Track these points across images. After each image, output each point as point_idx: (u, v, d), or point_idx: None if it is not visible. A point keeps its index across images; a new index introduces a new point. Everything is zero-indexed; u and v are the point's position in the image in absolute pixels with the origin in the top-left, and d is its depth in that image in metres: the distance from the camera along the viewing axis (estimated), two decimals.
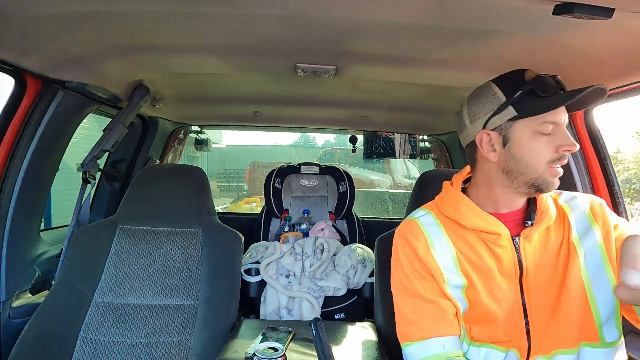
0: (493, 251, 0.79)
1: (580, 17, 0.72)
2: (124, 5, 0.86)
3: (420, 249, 0.82)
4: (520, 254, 0.78)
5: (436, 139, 2.43)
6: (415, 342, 0.78)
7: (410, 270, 0.82)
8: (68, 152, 1.37)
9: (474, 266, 0.79)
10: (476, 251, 0.80)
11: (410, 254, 0.83)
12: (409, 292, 0.81)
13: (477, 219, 0.80)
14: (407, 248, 0.84)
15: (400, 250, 0.86)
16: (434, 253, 0.81)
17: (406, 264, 0.83)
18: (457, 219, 0.82)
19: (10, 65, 1.03)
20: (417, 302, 0.80)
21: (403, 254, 0.84)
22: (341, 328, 1.19)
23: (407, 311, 0.81)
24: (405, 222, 0.89)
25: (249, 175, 5.62)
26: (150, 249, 1.31)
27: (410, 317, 0.80)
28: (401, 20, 0.88)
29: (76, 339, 1.15)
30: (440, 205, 0.88)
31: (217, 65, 1.29)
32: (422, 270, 0.81)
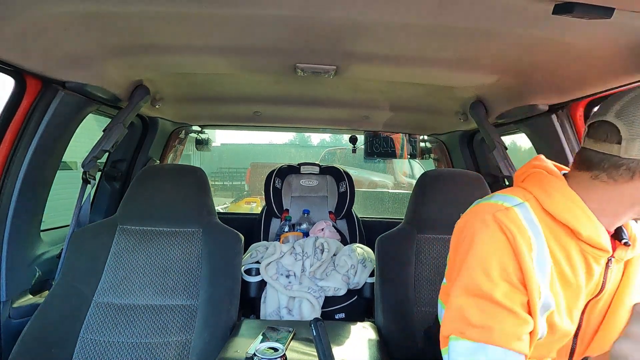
0: (589, 268, 0.70)
1: (580, 17, 0.72)
2: (124, 6, 0.86)
3: (523, 250, 0.66)
4: (607, 276, 0.71)
5: (436, 139, 2.43)
6: (472, 342, 0.65)
7: (498, 271, 0.66)
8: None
9: (564, 283, 0.69)
10: (573, 265, 0.69)
11: (506, 252, 0.67)
12: (483, 293, 0.66)
13: (594, 230, 0.68)
14: (502, 242, 0.67)
15: (488, 240, 0.68)
16: (534, 259, 0.67)
17: (494, 262, 0.67)
18: (572, 224, 0.68)
19: (10, 65, 1.03)
20: (489, 307, 0.66)
21: (493, 248, 0.67)
22: (341, 328, 1.19)
23: (472, 312, 0.66)
24: (494, 206, 0.71)
25: (250, 176, 5.62)
26: (151, 249, 1.31)
27: (473, 320, 0.66)
28: (401, 20, 0.88)
29: (76, 339, 1.15)
30: (543, 199, 0.71)
31: (217, 65, 1.29)
32: (514, 275, 0.66)
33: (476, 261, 0.68)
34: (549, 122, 1.34)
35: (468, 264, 0.69)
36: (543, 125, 1.39)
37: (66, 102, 1.23)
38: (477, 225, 0.70)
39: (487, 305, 0.66)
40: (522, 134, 1.75)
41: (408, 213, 1.44)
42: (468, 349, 0.65)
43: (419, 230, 1.37)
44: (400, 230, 1.40)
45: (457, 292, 0.69)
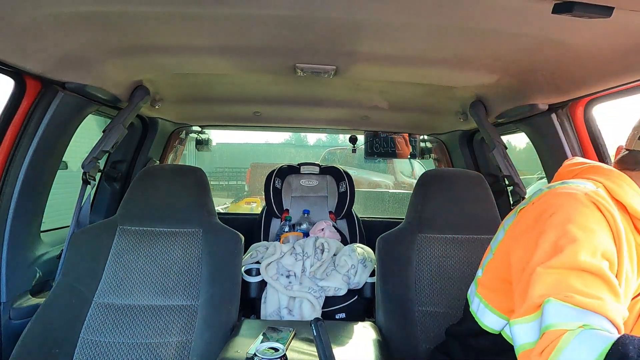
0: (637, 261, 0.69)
1: (579, 16, 0.72)
2: (124, 7, 0.86)
3: (621, 231, 0.65)
4: None
5: (436, 139, 2.43)
6: (581, 309, 0.58)
7: (603, 247, 0.63)
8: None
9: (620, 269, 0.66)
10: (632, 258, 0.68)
11: (606, 232, 0.64)
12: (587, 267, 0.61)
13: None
14: (602, 221, 0.65)
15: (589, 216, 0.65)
16: (624, 239, 0.66)
17: (598, 237, 0.63)
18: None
19: (9, 66, 1.03)
20: (601, 283, 0.61)
21: (595, 224, 0.64)
22: (342, 328, 1.19)
23: (580, 282, 0.61)
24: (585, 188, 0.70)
25: (250, 176, 5.62)
26: (151, 249, 1.31)
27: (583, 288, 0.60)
28: (400, 19, 0.88)
29: (77, 340, 1.15)
30: (614, 189, 0.71)
31: (217, 65, 1.29)
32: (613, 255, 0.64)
33: (580, 236, 0.63)
34: (549, 121, 1.34)
35: (567, 238, 0.64)
36: (543, 125, 1.39)
37: (66, 102, 1.23)
38: (572, 204, 0.67)
39: (594, 279, 0.61)
40: (517, 134, 1.76)
41: (409, 213, 1.44)
42: (573, 314, 0.58)
43: (420, 230, 1.37)
44: (400, 229, 1.40)
45: (556, 264, 0.63)
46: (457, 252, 1.34)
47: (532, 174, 4.30)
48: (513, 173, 1.46)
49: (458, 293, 1.28)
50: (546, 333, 0.58)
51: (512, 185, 1.50)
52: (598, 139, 1.30)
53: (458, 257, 1.33)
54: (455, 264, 1.33)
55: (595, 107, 1.30)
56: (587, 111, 1.31)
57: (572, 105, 1.30)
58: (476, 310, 0.86)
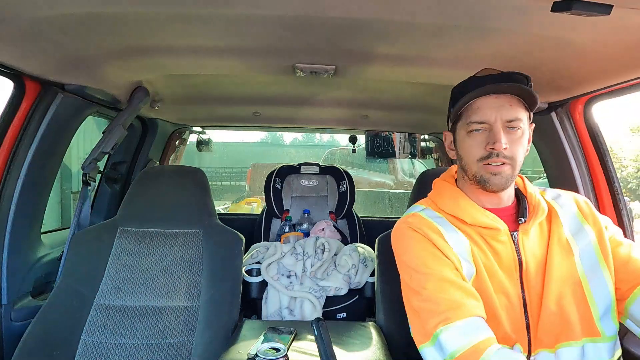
0: (492, 247, 0.79)
1: (578, 14, 0.72)
2: (123, 8, 0.86)
3: (436, 238, 0.79)
4: (520, 249, 0.79)
5: (436, 138, 2.43)
6: (451, 323, 0.70)
7: (430, 259, 0.77)
8: None
9: (480, 259, 0.79)
10: (480, 246, 0.79)
11: (426, 244, 0.79)
12: (434, 276, 0.75)
13: (478, 214, 0.80)
14: (420, 239, 0.80)
15: (411, 242, 0.81)
16: (448, 241, 0.79)
17: (424, 254, 0.78)
18: (458, 214, 0.82)
19: (8, 68, 1.03)
20: (445, 285, 0.74)
21: (417, 245, 0.80)
22: (343, 328, 1.19)
23: (436, 295, 0.73)
24: (407, 217, 0.86)
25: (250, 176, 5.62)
26: (151, 250, 1.31)
27: (440, 299, 0.72)
28: (400, 18, 0.88)
29: (78, 342, 1.15)
30: (437, 201, 0.87)
31: (216, 66, 1.29)
32: (440, 255, 0.77)
33: (413, 261, 0.79)
34: (548, 119, 1.34)
35: (409, 267, 0.79)
36: (542, 123, 1.39)
37: (65, 104, 1.23)
38: (397, 235, 0.85)
39: (447, 286, 0.73)
40: None
41: None
42: (462, 329, 0.69)
43: None
44: None
45: (414, 295, 0.77)
46: None
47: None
48: None
49: None
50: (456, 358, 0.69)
51: None
52: (598, 137, 1.30)
53: None
54: None
55: (595, 105, 1.30)
56: (586, 109, 1.31)
57: (571, 103, 1.30)
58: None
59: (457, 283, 0.74)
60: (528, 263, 0.78)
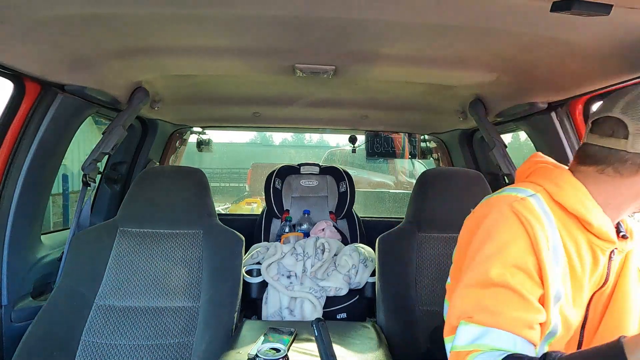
0: (596, 260, 0.71)
1: (578, 14, 0.72)
2: (122, 8, 0.86)
3: (540, 240, 0.66)
4: (610, 267, 0.73)
5: (436, 138, 2.43)
6: (479, 326, 0.64)
7: (516, 261, 0.66)
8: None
9: (572, 274, 0.70)
10: (581, 257, 0.70)
11: (524, 242, 0.67)
12: (498, 282, 0.65)
13: (604, 221, 0.69)
14: (520, 233, 0.67)
15: (506, 231, 0.68)
16: (550, 249, 0.67)
17: (513, 251, 0.66)
18: (583, 214, 0.69)
19: (8, 69, 1.03)
20: (503, 293, 0.64)
21: (511, 238, 0.67)
22: (343, 328, 1.19)
23: (485, 298, 0.65)
24: (510, 197, 0.71)
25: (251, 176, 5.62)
26: (151, 251, 1.31)
27: (485, 304, 0.65)
28: (399, 19, 0.88)
29: (78, 342, 1.15)
30: (554, 191, 0.72)
31: (216, 66, 1.29)
32: (532, 266, 0.66)
33: (494, 251, 0.67)
34: (548, 119, 1.34)
35: (485, 255, 0.68)
36: (542, 123, 1.39)
37: (65, 105, 1.23)
38: (494, 217, 0.70)
39: (500, 292, 0.65)
40: (517, 132, 1.75)
41: (409, 212, 1.44)
42: (474, 334, 0.64)
43: (420, 229, 1.37)
44: (401, 229, 1.40)
45: (471, 282, 0.68)
46: None
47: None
48: (513, 171, 1.46)
49: None
50: (450, 353, 0.65)
51: (512, 183, 1.50)
52: None
53: None
54: None
55: (595, 105, 1.30)
56: (586, 109, 1.31)
57: (571, 103, 1.30)
58: (445, 316, 0.87)
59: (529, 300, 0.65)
60: (609, 283, 0.73)
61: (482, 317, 0.64)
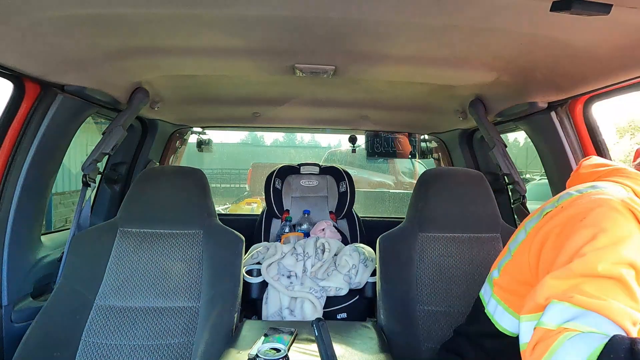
0: None
1: (578, 14, 0.72)
2: (122, 9, 0.86)
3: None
4: None
5: (436, 138, 2.43)
6: (580, 308, 0.59)
7: (631, 256, 0.62)
8: None
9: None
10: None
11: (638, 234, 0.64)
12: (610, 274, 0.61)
13: None
14: (636, 228, 0.65)
15: (622, 225, 0.65)
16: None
17: (631, 247, 0.63)
18: None
19: (8, 69, 1.03)
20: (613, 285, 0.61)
21: (629, 233, 0.64)
22: (343, 328, 1.19)
23: (590, 285, 0.61)
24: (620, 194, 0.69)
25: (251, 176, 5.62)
26: (151, 251, 1.31)
27: (588, 290, 0.60)
28: (399, 19, 0.88)
29: (78, 343, 1.15)
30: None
31: (216, 67, 1.29)
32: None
33: (608, 244, 0.64)
34: (548, 119, 1.34)
35: (596, 247, 0.64)
36: (542, 123, 1.39)
37: (65, 105, 1.23)
38: (604, 211, 0.67)
39: (609, 283, 0.61)
40: (517, 132, 1.75)
41: (409, 212, 1.44)
42: (571, 313, 0.59)
43: (421, 229, 1.37)
44: (401, 229, 1.40)
45: (575, 272, 0.63)
46: (458, 250, 1.34)
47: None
48: (513, 171, 1.46)
49: (460, 292, 1.28)
50: (536, 329, 0.59)
51: (512, 183, 1.50)
52: (598, 136, 1.30)
53: (459, 255, 1.33)
54: (457, 262, 1.33)
55: (595, 105, 1.30)
56: (586, 109, 1.31)
57: (571, 102, 1.30)
58: (493, 312, 0.85)
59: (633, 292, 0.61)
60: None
61: (584, 300, 0.59)
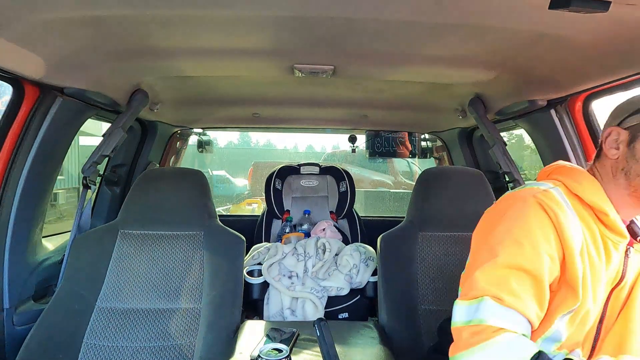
0: (608, 253, 0.74)
1: (576, 11, 0.72)
2: (121, 11, 0.86)
3: (565, 227, 0.70)
4: (627, 264, 0.75)
5: (436, 137, 2.43)
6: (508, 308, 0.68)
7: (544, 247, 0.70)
8: None
9: (591, 262, 0.72)
10: (598, 247, 0.73)
11: (549, 230, 0.71)
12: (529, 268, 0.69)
13: (616, 215, 0.73)
14: (545, 221, 0.71)
15: (533, 219, 0.72)
16: (571, 235, 0.71)
17: (540, 238, 0.70)
18: (600, 205, 0.73)
19: (7, 72, 1.03)
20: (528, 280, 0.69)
21: (538, 225, 0.71)
22: (345, 328, 1.19)
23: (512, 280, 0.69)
24: (532, 190, 0.76)
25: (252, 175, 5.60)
26: (152, 253, 1.31)
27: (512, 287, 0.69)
28: (398, 18, 0.88)
29: (80, 345, 1.15)
30: (573, 185, 0.76)
31: (215, 67, 1.29)
32: (556, 252, 0.70)
33: (521, 236, 0.71)
34: (548, 117, 1.34)
35: (511, 239, 0.72)
36: (542, 120, 1.39)
37: (65, 108, 1.23)
38: (518, 206, 0.74)
39: (523, 277, 0.69)
40: (516, 130, 1.75)
41: (409, 211, 1.44)
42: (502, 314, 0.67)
43: (421, 228, 1.37)
44: (402, 228, 1.40)
45: (497, 265, 0.71)
46: (459, 249, 1.34)
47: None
48: (513, 169, 1.46)
49: None
50: (479, 324, 0.68)
51: (512, 181, 1.50)
52: (597, 133, 1.30)
53: (460, 254, 1.33)
54: (457, 261, 1.33)
55: (594, 102, 1.30)
56: (585, 106, 1.31)
57: (570, 100, 1.30)
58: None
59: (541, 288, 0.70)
60: (627, 280, 0.75)
61: (512, 303, 0.68)
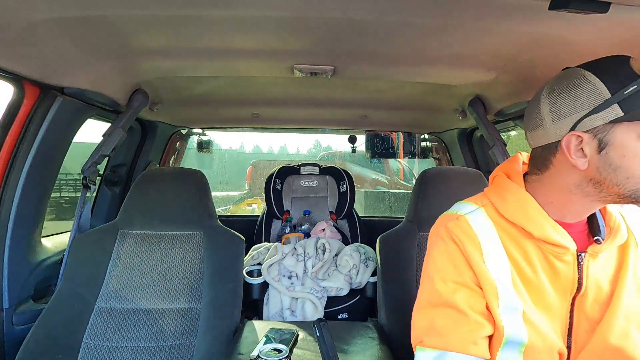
0: (552, 265, 0.69)
1: (576, 12, 0.72)
2: (121, 11, 0.86)
3: (473, 255, 0.69)
4: (582, 272, 0.69)
5: (436, 137, 2.43)
6: (433, 350, 0.68)
7: (454, 277, 0.70)
8: None
9: (526, 282, 0.69)
10: (532, 263, 0.70)
11: (458, 258, 0.71)
12: (443, 300, 0.69)
13: (547, 228, 0.68)
14: (454, 250, 0.71)
15: (442, 250, 0.73)
16: (487, 261, 0.69)
17: (450, 269, 0.71)
18: (524, 224, 0.70)
19: (7, 72, 1.03)
20: (450, 313, 0.68)
21: (447, 257, 0.72)
22: (345, 328, 1.19)
23: (436, 318, 0.70)
24: (449, 217, 0.76)
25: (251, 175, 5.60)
26: (152, 253, 1.31)
27: (435, 325, 0.69)
28: (398, 18, 0.88)
29: (80, 345, 1.15)
30: (498, 203, 0.74)
31: (215, 68, 1.29)
32: (470, 279, 0.69)
33: (434, 272, 0.72)
34: None
35: (428, 276, 0.74)
36: None
37: (65, 108, 1.23)
38: (433, 239, 0.76)
39: (447, 312, 0.69)
40: (516, 131, 1.75)
41: (409, 211, 1.44)
42: (431, 355, 0.67)
43: (420, 228, 1.37)
44: (401, 228, 1.40)
45: (420, 304, 0.73)
46: None
47: None
48: None
49: None
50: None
51: None
52: None
53: None
54: None
55: None
56: None
57: None
58: None
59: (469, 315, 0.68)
60: (588, 288, 0.69)
61: (433, 341, 0.68)
